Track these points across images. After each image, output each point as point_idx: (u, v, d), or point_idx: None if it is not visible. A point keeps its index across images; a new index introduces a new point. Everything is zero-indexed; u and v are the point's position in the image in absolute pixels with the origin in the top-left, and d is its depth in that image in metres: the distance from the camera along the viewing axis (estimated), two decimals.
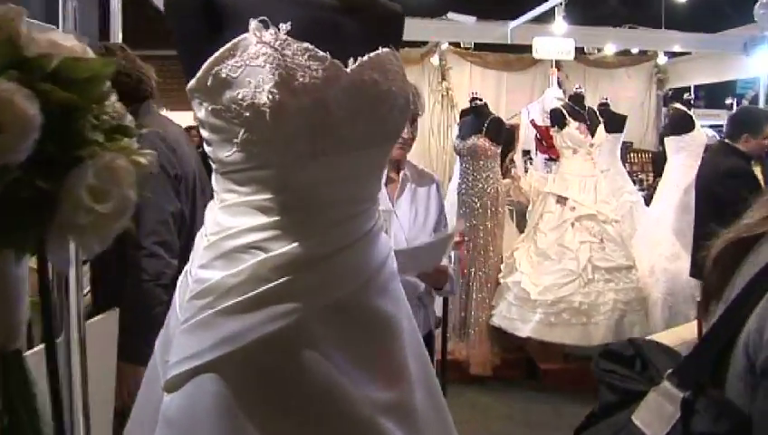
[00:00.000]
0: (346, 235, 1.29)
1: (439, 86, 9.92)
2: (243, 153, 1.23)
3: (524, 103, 8.51)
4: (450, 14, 8.94)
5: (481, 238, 5.68)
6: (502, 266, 5.76)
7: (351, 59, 1.26)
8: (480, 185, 5.65)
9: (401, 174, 2.79)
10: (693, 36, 8.73)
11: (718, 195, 4.51)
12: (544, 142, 5.96)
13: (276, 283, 1.21)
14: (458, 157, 5.89)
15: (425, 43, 9.76)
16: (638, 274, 5.62)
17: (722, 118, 15.14)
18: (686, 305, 5.54)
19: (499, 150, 5.75)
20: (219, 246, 1.27)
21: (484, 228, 5.68)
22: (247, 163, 1.24)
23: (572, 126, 5.56)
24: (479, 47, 10.04)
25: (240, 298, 1.21)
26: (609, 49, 9.60)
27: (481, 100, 5.95)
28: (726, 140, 4.72)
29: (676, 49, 9.14)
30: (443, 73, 9.87)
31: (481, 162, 5.65)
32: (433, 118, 9.38)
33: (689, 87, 11.30)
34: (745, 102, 11.44)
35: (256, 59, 1.17)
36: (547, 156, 6.31)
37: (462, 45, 9.98)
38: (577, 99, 5.79)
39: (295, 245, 1.23)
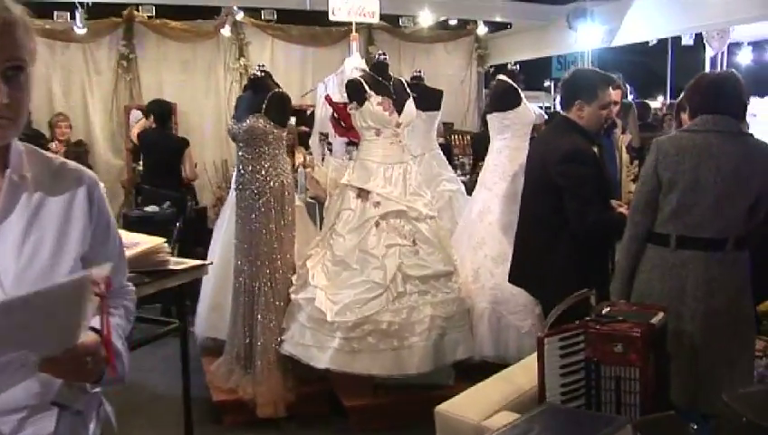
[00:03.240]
0: None
1: (236, 63, 8.67)
2: None
3: None
4: None
5: (264, 245, 4.47)
6: (293, 279, 4.57)
7: None
8: (260, 177, 4.44)
9: (6, 173, 1.50)
10: (514, 5, 7.90)
11: (552, 184, 3.56)
12: (342, 123, 4.81)
13: None
14: (235, 144, 4.64)
15: (217, 14, 8.43)
16: (461, 280, 4.61)
17: (542, 100, 14.79)
18: (516, 317, 4.60)
19: (284, 133, 4.55)
20: None
21: (267, 232, 4.47)
22: None
23: (374, 101, 4.44)
24: (282, 19, 8.84)
25: None
26: (426, 20, 8.64)
27: (263, 71, 4.73)
28: (563, 113, 3.76)
29: (497, 19, 8.30)
30: (240, 49, 8.71)
31: (261, 149, 4.44)
32: (231, 99, 8.09)
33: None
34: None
35: None
36: (347, 139, 5.17)
37: (263, 17, 8.73)
38: (380, 68, 4.66)
39: None
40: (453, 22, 9.36)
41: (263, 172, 4.43)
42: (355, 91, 4.49)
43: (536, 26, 8.93)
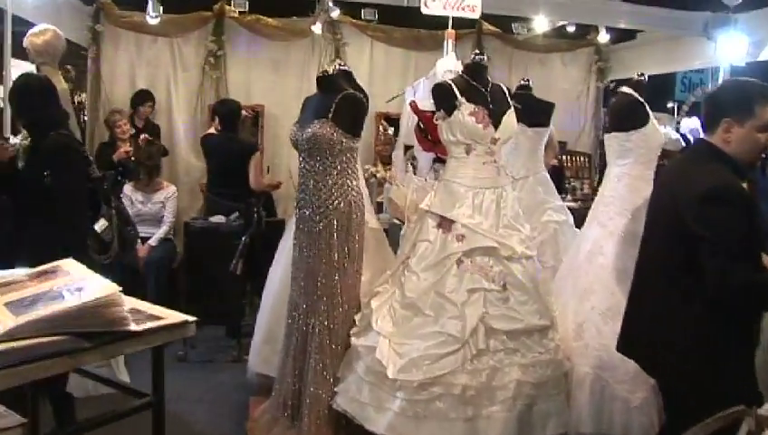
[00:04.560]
0: None
1: (332, 65, 7.95)
2: None
3: None
4: None
5: (323, 277, 3.72)
6: (357, 319, 3.80)
7: None
8: (323, 195, 3.69)
9: None
10: (642, 10, 6.87)
11: (685, 230, 2.67)
12: (429, 135, 4.01)
13: None
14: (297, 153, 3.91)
15: (312, 10, 7.78)
16: (559, 337, 3.73)
17: (664, 122, 13.44)
18: (625, 387, 3.70)
19: (356, 144, 3.79)
20: None
21: (327, 262, 3.71)
22: None
23: (465, 110, 3.63)
24: (383, 19, 8.11)
25: None
26: (541, 26, 7.73)
27: (341, 69, 4.01)
28: (704, 137, 2.85)
29: (622, 25, 7.28)
30: (337, 50, 7.99)
31: (326, 161, 3.70)
32: None
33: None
34: (686, 108, 9.84)
35: None
36: (434, 155, 4.35)
37: (363, 17, 8.03)
38: (475, 70, 3.82)
39: None
40: (571, 29, 8.38)
41: (326, 189, 3.69)
42: (443, 96, 3.69)
43: (664, 37, 7.87)
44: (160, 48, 7.66)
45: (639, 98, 4.12)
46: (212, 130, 6.44)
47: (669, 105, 15.04)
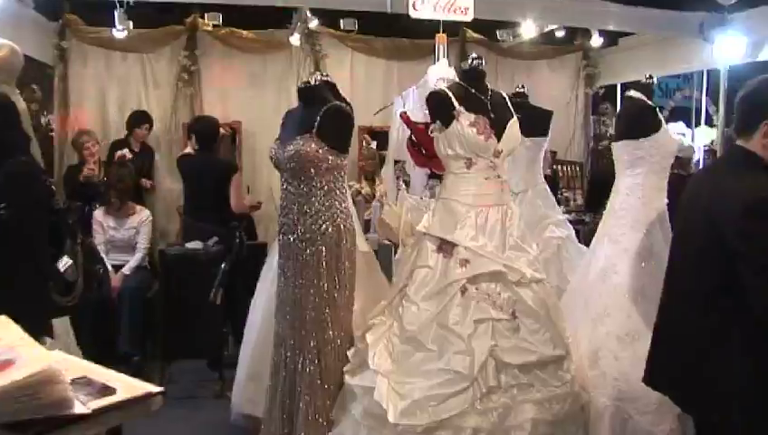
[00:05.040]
0: None
1: (313, 76, 7.60)
2: None
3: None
4: None
5: (312, 309, 3.35)
6: (350, 354, 3.43)
7: None
8: (308, 220, 3.33)
9: None
10: (631, 12, 6.58)
11: (723, 247, 2.35)
12: (423, 149, 3.66)
13: None
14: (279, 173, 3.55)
15: (289, 21, 7.44)
16: (574, 367, 3.38)
17: None
18: (649, 419, 3.36)
19: (343, 161, 3.43)
20: None
21: (316, 292, 3.34)
22: None
23: (465, 121, 3.27)
24: (363, 29, 7.82)
25: None
26: (528, 32, 7.43)
27: (324, 80, 3.66)
28: (740, 143, 2.51)
29: (613, 27, 6.99)
30: (316, 62, 7.69)
31: (312, 182, 3.33)
32: None
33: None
34: (665, 114, 9.57)
35: None
36: (429, 170, 3.99)
37: (342, 27, 7.71)
38: (473, 76, 3.47)
39: None
40: (560, 33, 8.09)
41: (312, 212, 3.33)
42: (439, 106, 3.34)
43: (655, 39, 7.62)
44: (131, 65, 7.36)
45: (650, 102, 3.81)
46: (188, 150, 6.04)
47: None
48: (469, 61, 3.47)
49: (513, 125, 3.43)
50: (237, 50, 7.53)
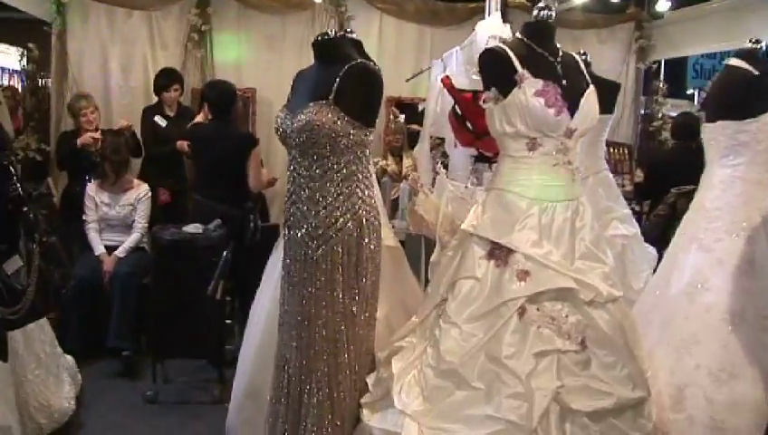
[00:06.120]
0: None
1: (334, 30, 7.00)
2: None
3: None
4: None
5: (324, 325, 2.62)
6: (369, 382, 2.70)
7: None
8: (321, 210, 2.59)
9: None
10: None
11: None
12: (469, 123, 2.91)
13: None
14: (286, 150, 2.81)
15: None
16: (655, 409, 2.63)
17: (684, 109, 12.45)
18: None
19: (369, 136, 2.68)
20: None
21: (329, 304, 2.60)
22: None
23: (529, 88, 2.51)
24: None
25: None
26: None
27: (343, 35, 2.95)
28: None
29: None
30: (341, 24, 7.06)
31: (326, 161, 2.59)
32: None
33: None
34: (705, 95, 8.80)
35: None
36: (475, 151, 3.23)
37: None
38: (541, 31, 2.72)
39: None
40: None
41: (327, 202, 2.59)
42: (495, 67, 2.57)
43: (719, 9, 6.85)
44: (136, 23, 6.78)
45: (754, 72, 3.03)
46: (200, 119, 5.49)
47: (689, 91, 14.16)
48: (535, 11, 2.70)
49: (590, 96, 2.66)
50: (253, 9, 6.96)
